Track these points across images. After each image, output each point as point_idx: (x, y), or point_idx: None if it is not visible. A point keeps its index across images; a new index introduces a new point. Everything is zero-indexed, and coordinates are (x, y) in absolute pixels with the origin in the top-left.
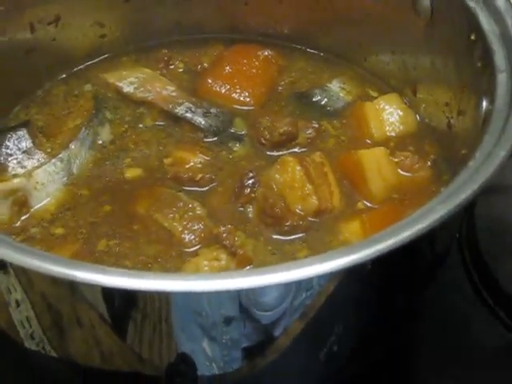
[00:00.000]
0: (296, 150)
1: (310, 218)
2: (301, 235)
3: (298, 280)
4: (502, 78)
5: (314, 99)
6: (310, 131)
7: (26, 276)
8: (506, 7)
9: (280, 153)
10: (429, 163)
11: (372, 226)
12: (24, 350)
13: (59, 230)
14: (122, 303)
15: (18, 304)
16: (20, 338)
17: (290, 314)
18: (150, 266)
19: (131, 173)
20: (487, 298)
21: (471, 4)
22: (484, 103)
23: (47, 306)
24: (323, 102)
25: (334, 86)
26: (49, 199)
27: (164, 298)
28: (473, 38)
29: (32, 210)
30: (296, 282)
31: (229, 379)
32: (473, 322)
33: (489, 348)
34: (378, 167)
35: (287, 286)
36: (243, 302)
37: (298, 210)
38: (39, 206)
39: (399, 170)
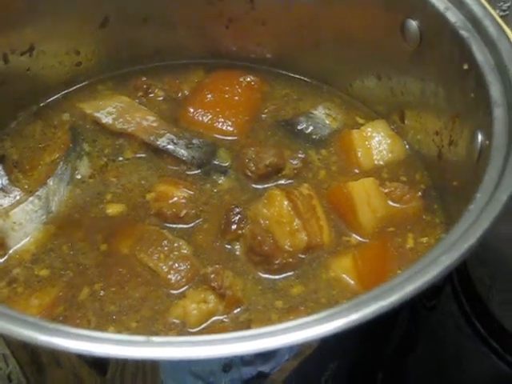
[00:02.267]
0: (283, 181)
1: (299, 255)
2: (291, 273)
3: (295, 344)
4: (498, 112)
5: (299, 127)
6: (296, 162)
7: None
8: (498, 36)
9: (266, 185)
10: (419, 193)
11: (364, 262)
12: None
13: (44, 272)
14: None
15: None
16: None
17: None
18: (136, 309)
19: (113, 209)
20: (480, 328)
21: (463, 33)
22: (479, 137)
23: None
24: (309, 130)
25: (320, 112)
26: (28, 239)
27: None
28: (465, 67)
29: (10, 251)
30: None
31: None
32: (466, 353)
33: (482, 378)
34: (367, 199)
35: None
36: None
37: (287, 247)
38: (17, 246)
39: (389, 202)
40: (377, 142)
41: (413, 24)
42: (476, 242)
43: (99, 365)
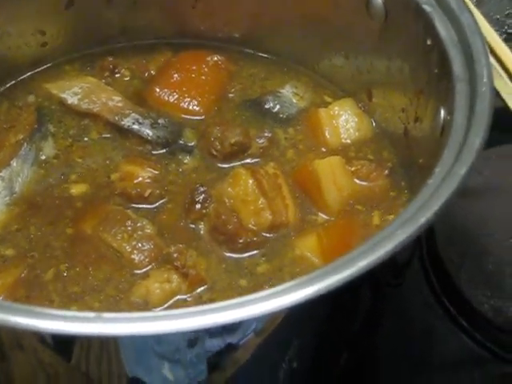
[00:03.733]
0: (249, 160)
1: (264, 234)
2: (256, 251)
3: (257, 316)
4: (460, 87)
5: (266, 106)
6: (262, 140)
7: None
8: (460, 10)
9: (232, 164)
10: (386, 171)
11: (329, 241)
12: None
13: (10, 251)
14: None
15: None
16: None
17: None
18: (100, 289)
19: (77, 189)
20: (449, 306)
21: (427, 8)
22: (442, 112)
23: None
24: (276, 109)
25: (287, 91)
26: None
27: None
28: (429, 43)
29: None
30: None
31: None
32: (435, 331)
33: (451, 356)
34: (333, 177)
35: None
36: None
37: (251, 226)
38: None
39: (356, 180)
40: (344, 121)
41: (377, 0)
42: (432, 216)
43: (62, 348)
